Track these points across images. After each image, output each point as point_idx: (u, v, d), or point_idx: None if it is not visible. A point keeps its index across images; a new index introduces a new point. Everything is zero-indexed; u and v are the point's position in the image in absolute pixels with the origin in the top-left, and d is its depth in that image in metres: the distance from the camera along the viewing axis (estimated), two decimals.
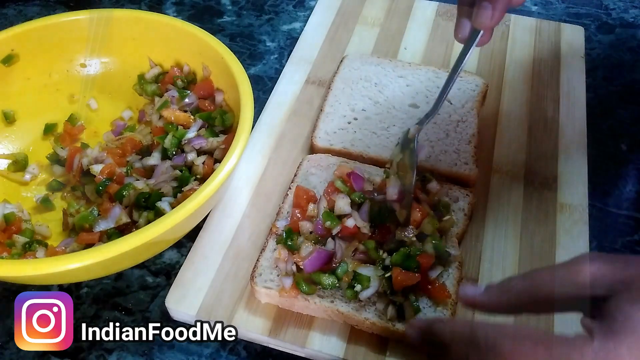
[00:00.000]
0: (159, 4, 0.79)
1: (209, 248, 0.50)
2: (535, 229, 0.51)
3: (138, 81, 0.61)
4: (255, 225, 0.52)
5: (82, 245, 0.48)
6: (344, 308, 0.44)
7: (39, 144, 0.59)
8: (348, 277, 0.45)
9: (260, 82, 0.69)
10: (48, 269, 0.39)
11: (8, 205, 0.52)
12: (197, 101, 0.57)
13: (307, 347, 0.44)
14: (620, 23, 0.77)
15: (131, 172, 0.54)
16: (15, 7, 0.78)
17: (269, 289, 0.45)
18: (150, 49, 0.60)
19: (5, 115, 0.57)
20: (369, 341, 0.44)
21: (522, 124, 0.61)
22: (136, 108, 0.62)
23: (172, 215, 0.41)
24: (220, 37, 0.62)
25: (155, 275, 0.51)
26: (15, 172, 0.56)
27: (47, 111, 0.60)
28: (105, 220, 0.49)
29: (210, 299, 0.47)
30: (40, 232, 0.51)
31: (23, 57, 0.57)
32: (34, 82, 0.59)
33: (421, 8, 0.74)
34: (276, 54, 0.72)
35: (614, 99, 0.67)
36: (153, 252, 0.48)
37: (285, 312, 0.46)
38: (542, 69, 0.66)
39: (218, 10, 0.78)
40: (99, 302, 0.49)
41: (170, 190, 0.49)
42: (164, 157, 0.54)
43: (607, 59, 0.72)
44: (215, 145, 0.53)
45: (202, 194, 0.42)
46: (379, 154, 0.56)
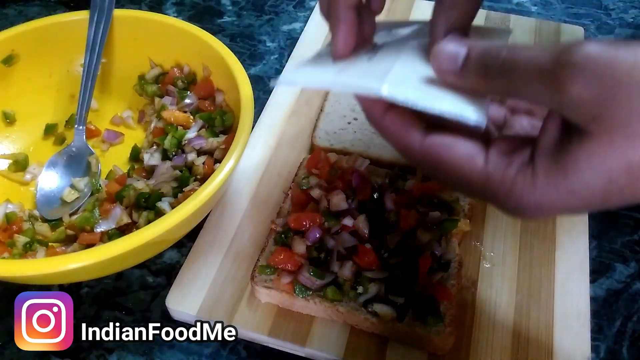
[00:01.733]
0: (159, 4, 0.79)
1: (209, 248, 0.50)
2: (534, 230, 0.51)
3: (138, 81, 0.61)
4: (255, 225, 0.52)
5: (83, 245, 0.48)
6: (344, 308, 0.44)
7: (40, 144, 0.59)
8: (349, 279, 0.45)
9: (261, 82, 0.69)
10: (48, 269, 0.39)
11: (10, 205, 0.52)
12: (197, 101, 0.57)
13: (307, 347, 0.44)
14: (620, 23, 0.77)
15: (132, 173, 0.54)
16: (15, 7, 0.78)
17: (269, 289, 0.45)
18: (150, 50, 0.60)
19: (5, 115, 0.57)
20: (369, 341, 0.45)
21: None
22: (136, 108, 0.62)
23: (172, 215, 0.41)
24: (221, 38, 0.62)
25: (156, 275, 0.51)
26: (15, 172, 0.56)
27: (48, 111, 0.60)
28: (106, 220, 0.49)
29: (210, 299, 0.47)
30: (41, 232, 0.51)
31: (23, 58, 0.57)
32: (34, 82, 0.59)
33: (421, 8, 0.74)
34: (276, 54, 0.72)
35: None
36: (153, 252, 0.48)
37: (285, 311, 0.46)
38: None
39: (218, 11, 0.78)
40: (99, 302, 0.49)
41: (171, 190, 0.50)
42: (164, 157, 0.54)
43: None
44: (215, 145, 0.53)
45: (202, 194, 0.42)
46: (379, 154, 0.56)
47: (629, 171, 0.26)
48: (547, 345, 0.44)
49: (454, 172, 0.31)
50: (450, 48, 0.31)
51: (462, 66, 0.30)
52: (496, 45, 0.29)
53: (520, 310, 0.46)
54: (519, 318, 0.46)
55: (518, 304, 0.47)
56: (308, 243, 0.47)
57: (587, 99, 0.25)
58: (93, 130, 0.59)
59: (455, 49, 0.31)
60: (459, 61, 0.30)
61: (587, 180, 0.27)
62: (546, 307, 0.46)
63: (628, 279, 0.51)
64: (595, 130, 0.26)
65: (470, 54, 0.30)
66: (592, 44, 0.26)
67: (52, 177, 0.56)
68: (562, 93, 0.26)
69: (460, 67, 0.30)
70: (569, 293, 0.47)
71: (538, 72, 0.27)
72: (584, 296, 0.47)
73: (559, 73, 0.26)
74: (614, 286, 0.50)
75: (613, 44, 0.26)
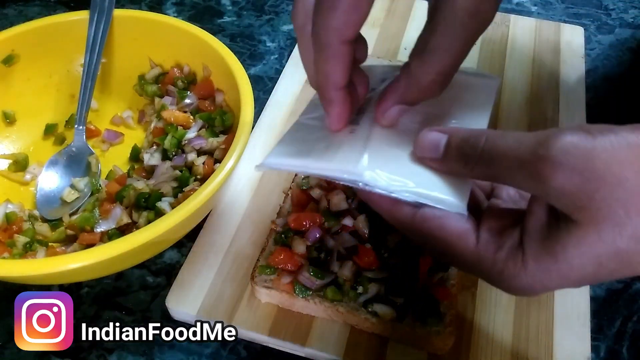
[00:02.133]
0: (159, 4, 0.79)
1: (209, 248, 0.50)
2: None
3: (138, 81, 0.61)
4: (255, 225, 0.52)
5: (83, 245, 0.48)
6: (344, 308, 0.44)
7: (40, 144, 0.59)
8: (349, 279, 0.45)
9: (261, 82, 0.69)
10: (48, 269, 0.39)
11: (10, 205, 0.52)
12: (197, 101, 0.57)
13: (307, 347, 0.44)
14: (620, 23, 0.77)
15: (132, 173, 0.54)
16: (15, 7, 0.78)
17: (269, 289, 0.45)
18: (150, 50, 0.60)
19: (5, 115, 0.57)
20: (369, 341, 0.45)
21: (522, 124, 0.61)
22: (136, 108, 0.62)
23: (172, 215, 0.41)
24: (221, 38, 0.62)
25: (156, 275, 0.51)
26: (16, 172, 0.56)
27: (48, 111, 0.60)
28: (106, 220, 0.49)
29: (210, 299, 0.47)
30: (41, 232, 0.51)
31: (23, 58, 0.57)
32: (34, 82, 0.59)
33: (421, 8, 0.74)
34: (276, 54, 0.72)
35: (614, 99, 0.67)
36: (153, 252, 0.48)
37: (286, 311, 0.46)
38: (541, 70, 0.67)
39: (218, 11, 0.78)
40: (99, 302, 0.49)
41: (171, 190, 0.50)
42: (164, 157, 0.54)
43: (607, 59, 0.72)
44: (215, 145, 0.53)
45: (202, 194, 0.42)
46: None
47: (618, 256, 0.27)
48: (547, 345, 0.44)
49: (446, 249, 0.32)
50: (432, 136, 0.32)
51: (443, 153, 0.32)
52: (474, 135, 0.30)
53: (520, 310, 0.46)
54: (519, 318, 0.46)
55: (518, 303, 0.46)
56: (308, 243, 0.47)
57: (570, 192, 0.26)
58: (93, 130, 0.59)
59: (436, 137, 0.32)
60: (440, 149, 0.32)
61: (577, 265, 0.28)
62: (546, 307, 0.46)
63: (628, 279, 0.51)
64: (582, 220, 0.27)
65: (451, 142, 0.32)
66: (568, 135, 0.27)
67: (52, 177, 0.56)
68: (544, 185, 0.27)
69: (442, 154, 0.32)
70: (569, 293, 0.47)
71: (518, 165, 0.28)
72: (584, 296, 0.47)
73: (539, 167, 0.27)
74: (614, 286, 0.50)
75: (589, 132, 0.26)
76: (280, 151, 0.38)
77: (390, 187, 0.32)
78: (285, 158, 0.37)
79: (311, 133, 0.38)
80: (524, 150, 0.28)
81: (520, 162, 0.28)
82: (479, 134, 0.30)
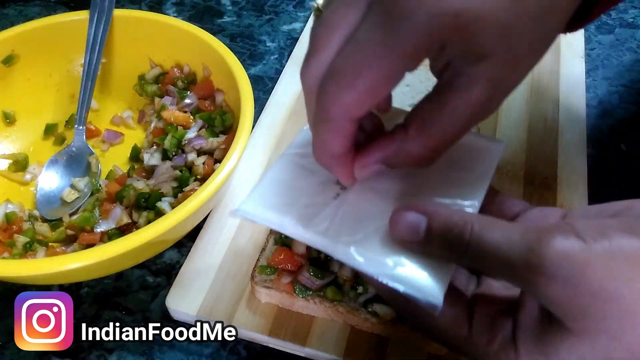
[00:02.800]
0: (159, 4, 0.79)
1: (209, 248, 0.50)
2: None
3: (138, 81, 0.61)
4: (255, 225, 0.52)
5: (83, 245, 0.48)
6: (344, 308, 0.44)
7: (40, 144, 0.59)
8: (349, 279, 0.45)
9: (261, 82, 0.69)
10: (48, 269, 0.39)
11: (10, 205, 0.52)
12: (197, 101, 0.57)
13: (307, 347, 0.44)
14: (620, 23, 0.77)
15: (132, 173, 0.54)
16: (15, 7, 0.78)
17: (269, 289, 0.45)
18: (150, 50, 0.60)
19: (5, 115, 0.57)
20: (369, 341, 0.44)
21: (522, 124, 0.61)
22: (136, 108, 0.62)
23: (172, 215, 0.41)
24: (221, 38, 0.62)
25: (156, 275, 0.51)
26: (16, 172, 0.56)
27: (48, 111, 0.60)
28: (106, 220, 0.49)
29: (210, 299, 0.47)
30: (41, 232, 0.51)
31: (23, 58, 0.57)
32: (34, 82, 0.59)
33: None
34: (276, 54, 0.72)
35: (614, 99, 0.67)
36: (153, 252, 0.48)
37: (285, 311, 0.46)
38: (541, 69, 0.66)
39: (218, 11, 0.78)
40: (99, 302, 0.49)
41: (171, 190, 0.50)
42: (164, 157, 0.54)
43: (607, 59, 0.72)
44: (215, 145, 0.53)
45: (202, 194, 0.42)
46: None
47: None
48: None
49: (440, 334, 0.32)
50: (410, 218, 0.30)
51: (425, 238, 0.30)
52: (458, 224, 0.29)
53: None
54: None
55: None
56: None
57: (563, 303, 0.26)
58: (93, 130, 0.59)
59: (415, 220, 0.30)
60: (420, 233, 0.30)
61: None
62: None
63: None
64: (575, 329, 0.26)
65: (432, 226, 0.30)
66: (559, 241, 0.26)
67: (52, 177, 0.56)
68: (536, 292, 0.27)
69: (422, 238, 0.30)
70: None
71: (509, 269, 0.27)
72: None
73: (530, 277, 0.26)
74: None
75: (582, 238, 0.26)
76: (260, 196, 0.36)
77: (366, 268, 0.30)
78: (263, 208, 0.35)
79: (296, 178, 0.36)
80: (514, 254, 0.27)
81: (511, 267, 0.27)
82: (463, 224, 0.28)
